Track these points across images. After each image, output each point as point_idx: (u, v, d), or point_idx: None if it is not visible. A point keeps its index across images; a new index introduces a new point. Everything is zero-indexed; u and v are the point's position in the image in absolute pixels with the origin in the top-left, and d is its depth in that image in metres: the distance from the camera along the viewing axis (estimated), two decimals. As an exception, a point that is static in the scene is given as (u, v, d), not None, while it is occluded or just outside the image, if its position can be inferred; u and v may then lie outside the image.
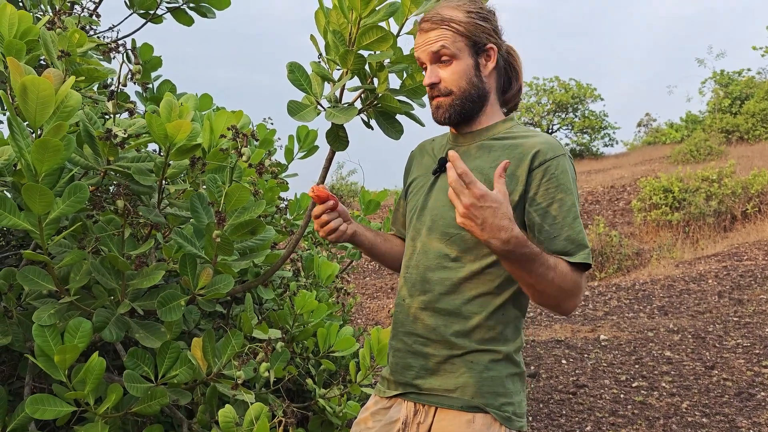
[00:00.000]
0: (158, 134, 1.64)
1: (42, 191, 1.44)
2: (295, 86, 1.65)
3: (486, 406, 1.46)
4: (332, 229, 1.61)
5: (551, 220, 1.43)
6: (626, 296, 7.82)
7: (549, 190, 1.44)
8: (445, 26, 1.49)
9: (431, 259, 1.53)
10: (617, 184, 15.09)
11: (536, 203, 1.44)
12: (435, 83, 1.51)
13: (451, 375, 1.49)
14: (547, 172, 1.44)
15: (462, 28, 1.49)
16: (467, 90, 1.52)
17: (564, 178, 1.45)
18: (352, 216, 3.78)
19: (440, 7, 1.52)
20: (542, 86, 27.32)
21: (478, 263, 1.49)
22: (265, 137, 3.18)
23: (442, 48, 1.48)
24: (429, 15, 1.51)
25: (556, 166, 1.45)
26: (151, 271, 1.73)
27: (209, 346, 1.77)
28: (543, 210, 1.44)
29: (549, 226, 1.43)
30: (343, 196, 17.33)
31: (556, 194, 1.43)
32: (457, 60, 1.50)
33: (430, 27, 1.50)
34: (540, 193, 1.44)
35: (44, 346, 1.56)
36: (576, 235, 1.42)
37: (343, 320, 3.08)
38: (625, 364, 5.16)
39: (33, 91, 1.42)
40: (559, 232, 1.42)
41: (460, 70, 1.51)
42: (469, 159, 1.54)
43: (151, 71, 3.04)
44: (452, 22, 1.49)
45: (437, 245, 1.53)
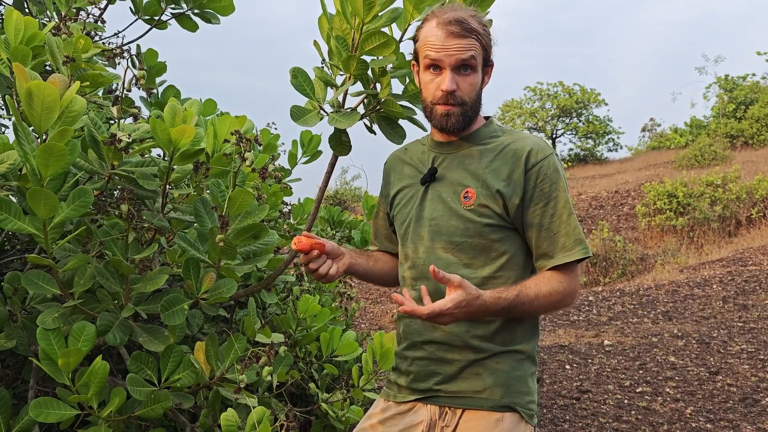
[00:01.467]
0: (162, 139, 1.65)
1: (47, 195, 1.45)
2: (298, 91, 1.66)
3: (515, 404, 1.52)
4: (321, 275, 1.62)
5: (549, 219, 1.52)
6: (630, 301, 7.80)
7: (544, 190, 1.52)
8: (475, 36, 1.51)
9: (441, 268, 1.52)
10: (621, 189, 15.06)
11: (534, 203, 1.52)
12: (453, 90, 1.52)
13: (477, 377, 1.53)
14: (541, 173, 1.52)
15: (484, 43, 1.54)
16: (475, 102, 1.57)
17: (556, 177, 1.53)
18: (355, 223, 3.79)
19: (466, 14, 1.51)
20: (546, 91, 27.28)
21: (490, 267, 1.54)
22: (269, 142, 3.19)
23: (471, 58, 1.51)
24: (457, 18, 1.49)
25: (548, 165, 1.53)
26: (154, 275, 1.74)
27: (212, 350, 1.78)
28: (541, 210, 1.52)
29: (548, 224, 1.52)
30: (347, 201, 17.33)
31: (551, 193, 1.52)
32: (475, 73, 1.54)
33: (461, 33, 1.49)
34: (536, 194, 1.52)
35: (48, 350, 1.57)
36: (572, 230, 1.51)
37: (346, 325, 3.08)
38: (629, 369, 5.14)
39: (38, 96, 1.44)
40: (557, 229, 1.51)
41: (475, 82, 1.55)
42: (463, 166, 1.58)
43: (156, 76, 3.06)
44: (479, 34, 1.52)
45: (444, 254, 1.56)
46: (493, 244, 1.53)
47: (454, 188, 1.56)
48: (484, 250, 1.53)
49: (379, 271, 1.80)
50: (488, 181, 1.52)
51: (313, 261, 1.61)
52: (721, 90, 23.39)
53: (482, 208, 1.52)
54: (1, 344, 1.74)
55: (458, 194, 1.55)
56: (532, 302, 1.47)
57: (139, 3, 2.92)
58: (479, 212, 1.52)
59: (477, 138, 1.60)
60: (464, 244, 1.54)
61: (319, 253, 1.61)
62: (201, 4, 2.78)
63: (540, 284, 1.50)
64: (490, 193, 1.52)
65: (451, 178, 1.58)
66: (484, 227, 1.52)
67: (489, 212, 1.52)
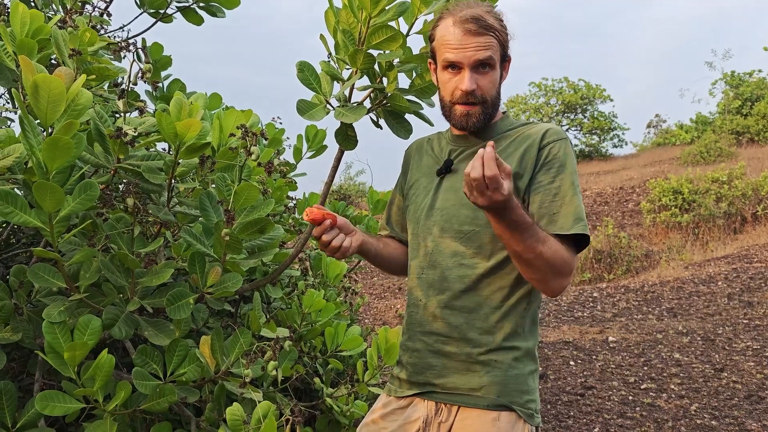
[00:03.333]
0: (168, 133, 1.64)
1: (52, 189, 1.44)
2: (305, 85, 1.65)
3: (512, 403, 1.49)
4: (335, 247, 1.57)
5: (551, 198, 1.48)
6: (635, 298, 7.78)
7: (551, 169, 1.50)
8: (492, 34, 1.48)
9: (447, 257, 1.55)
10: (626, 186, 15.02)
11: (538, 180, 1.50)
12: (473, 90, 1.50)
13: (474, 374, 1.51)
14: (551, 152, 1.50)
15: (501, 38, 1.51)
16: (495, 99, 1.55)
17: (565, 159, 1.51)
18: (360, 218, 3.78)
19: (482, 11, 1.49)
20: (551, 87, 27.21)
21: (494, 259, 1.51)
22: (274, 136, 3.18)
23: (490, 57, 1.48)
24: (474, 15, 1.46)
25: (559, 147, 1.51)
26: (160, 269, 1.73)
27: (217, 345, 1.78)
28: (545, 187, 1.49)
29: (550, 203, 1.48)
30: (352, 196, 17.33)
31: (557, 173, 1.49)
32: (494, 70, 1.52)
33: (479, 31, 1.46)
34: (542, 171, 1.50)
35: (54, 343, 1.57)
36: (574, 209, 1.47)
37: (351, 320, 3.08)
38: (634, 366, 5.13)
39: (44, 89, 1.43)
40: (558, 209, 1.47)
41: (495, 80, 1.53)
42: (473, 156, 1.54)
43: (162, 70, 3.05)
44: (496, 30, 1.50)
45: (452, 244, 1.54)
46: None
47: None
48: (493, 239, 1.50)
49: (388, 255, 1.78)
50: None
51: (326, 233, 1.56)
52: (727, 86, 23.29)
53: None
54: (7, 337, 1.74)
55: None
56: (536, 243, 1.39)
57: (145, -4, 2.92)
58: None
59: (494, 131, 1.59)
60: (473, 233, 1.52)
61: (332, 224, 1.56)
62: (206, -3, 2.77)
63: (549, 238, 1.43)
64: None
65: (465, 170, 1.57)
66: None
67: None
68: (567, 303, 7.81)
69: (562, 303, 7.81)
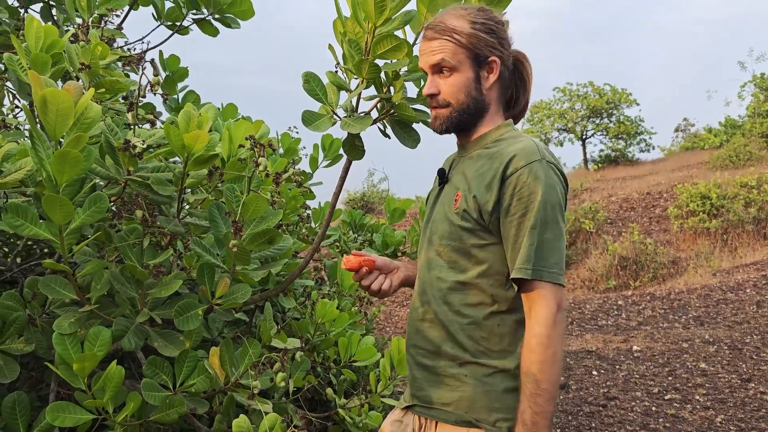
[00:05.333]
0: (176, 144, 1.65)
1: (62, 202, 1.46)
2: (310, 96, 1.65)
3: (479, 421, 1.43)
4: (375, 291, 1.64)
5: (524, 232, 1.38)
6: (661, 306, 7.64)
7: (522, 199, 1.39)
8: (447, 37, 1.46)
9: (429, 270, 1.54)
10: (653, 191, 14.79)
11: (510, 214, 1.40)
12: (434, 94, 1.50)
13: (447, 388, 1.48)
14: (519, 181, 1.39)
15: (464, 40, 1.46)
16: (465, 103, 1.50)
17: (536, 186, 1.38)
18: (376, 226, 3.78)
19: (446, 15, 1.49)
20: (576, 92, 26.95)
21: (467, 274, 1.47)
22: (290, 146, 3.19)
23: (442, 60, 1.47)
24: (434, 22, 1.49)
25: (528, 173, 1.38)
26: (169, 280, 1.74)
27: (227, 356, 1.78)
28: (517, 221, 1.39)
29: (522, 238, 1.38)
30: (374, 203, 17.35)
31: (529, 204, 1.38)
32: (457, 72, 1.48)
33: (433, 36, 1.48)
34: (513, 204, 1.40)
35: (64, 355, 1.58)
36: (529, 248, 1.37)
37: (366, 329, 3.07)
38: (658, 376, 5.03)
39: (53, 103, 1.45)
40: (524, 243, 1.38)
41: (459, 83, 1.48)
42: (462, 169, 1.54)
43: (178, 81, 3.09)
44: (455, 32, 1.46)
45: (434, 258, 1.53)
46: (471, 250, 1.46)
47: (452, 191, 1.53)
48: (465, 255, 1.47)
49: None
50: (471, 185, 1.47)
51: (365, 278, 1.63)
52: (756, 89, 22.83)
53: (463, 212, 1.46)
54: (20, 348, 1.76)
55: (452, 197, 1.52)
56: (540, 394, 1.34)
57: (162, 9, 2.96)
58: (461, 215, 1.46)
59: (484, 141, 1.54)
60: (448, 247, 1.49)
61: (368, 269, 1.63)
62: (221, 9, 2.79)
63: (529, 368, 1.36)
64: (470, 197, 1.46)
65: (453, 182, 1.55)
66: (463, 231, 1.46)
67: (468, 216, 1.45)
68: (590, 311, 7.70)
69: (585, 311, 7.70)
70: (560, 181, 1.43)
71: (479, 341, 1.46)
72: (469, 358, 1.46)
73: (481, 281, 1.46)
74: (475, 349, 1.46)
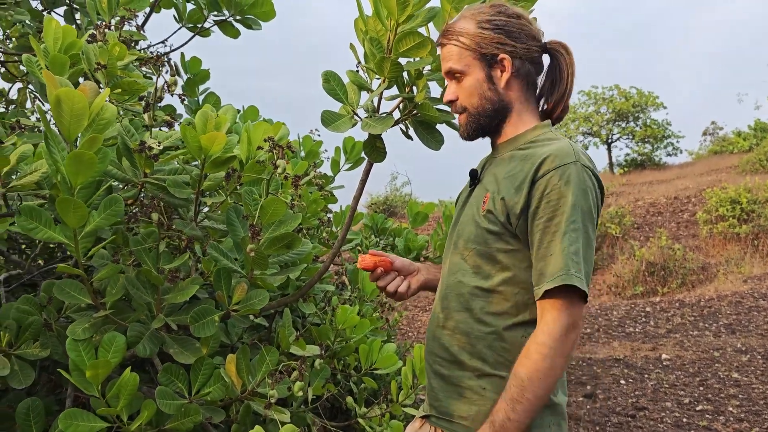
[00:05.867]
0: (193, 146, 1.61)
1: (76, 204, 1.42)
2: (330, 95, 1.60)
3: None
4: (391, 292, 1.58)
5: (550, 237, 1.30)
6: (690, 313, 7.45)
7: (550, 202, 1.30)
8: (453, 42, 1.44)
9: (451, 275, 1.47)
10: (681, 195, 14.51)
11: (538, 217, 1.32)
12: (452, 100, 1.48)
13: (465, 401, 1.40)
14: (550, 184, 1.31)
15: (469, 41, 1.43)
16: (480, 105, 1.45)
17: (567, 190, 1.29)
18: (398, 230, 3.71)
19: (457, 18, 1.47)
20: (601, 95, 26.64)
21: (491, 281, 1.39)
22: (311, 149, 3.15)
23: (450, 68, 1.45)
24: (445, 27, 1.47)
25: (560, 175, 1.30)
26: (186, 285, 1.70)
27: (243, 363, 1.73)
28: (544, 225, 1.31)
29: (548, 243, 1.30)
30: (397, 206, 17.28)
31: (558, 207, 1.30)
32: (466, 76, 1.45)
33: (442, 42, 1.47)
34: (542, 207, 1.31)
35: (78, 361, 1.55)
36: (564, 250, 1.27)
37: (388, 335, 3.00)
38: (689, 386, 4.88)
39: (67, 103, 1.41)
40: (553, 251, 1.29)
41: (470, 86, 1.45)
42: (494, 171, 1.47)
43: (200, 84, 3.07)
44: (460, 36, 1.43)
45: (458, 261, 1.46)
46: (496, 254, 1.38)
47: (481, 193, 1.47)
48: (489, 260, 1.39)
49: None
50: (501, 186, 1.39)
51: (381, 279, 1.57)
52: (788, 91, 22.33)
53: (489, 214, 1.39)
54: (35, 354, 1.73)
55: (481, 199, 1.45)
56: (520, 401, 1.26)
57: (183, 11, 2.94)
58: (487, 218, 1.39)
59: (517, 143, 1.47)
60: (473, 251, 1.42)
61: (384, 270, 1.57)
62: (242, 10, 2.77)
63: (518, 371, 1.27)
64: (498, 199, 1.38)
65: (483, 183, 1.48)
66: (489, 234, 1.39)
67: (494, 219, 1.38)
68: (618, 318, 7.54)
69: (612, 318, 7.54)
70: (595, 186, 1.35)
71: (501, 352, 1.38)
72: (489, 370, 1.38)
73: (505, 289, 1.38)
74: (495, 361, 1.38)
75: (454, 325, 1.43)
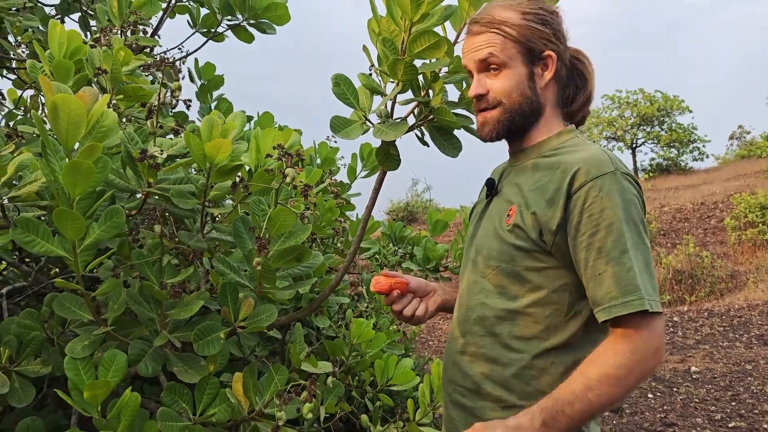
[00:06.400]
0: (197, 154, 1.54)
1: (73, 216, 1.35)
2: (340, 100, 1.51)
3: None
4: (408, 317, 1.46)
5: (596, 254, 1.18)
6: (720, 323, 7.22)
7: (592, 216, 1.19)
8: (495, 29, 1.30)
9: (472, 295, 1.35)
10: (708, 201, 14.19)
11: (580, 233, 1.20)
12: (482, 94, 1.32)
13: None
14: (590, 195, 1.20)
15: (515, 33, 1.30)
16: (518, 102, 1.32)
17: (610, 201, 1.19)
18: (418, 239, 3.61)
19: (493, 6, 1.33)
20: (625, 99, 26.30)
21: (520, 302, 1.27)
22: (327, 156, 3.07)
23: (490, 56, 1.30)
24: (479, 15, 1.33)
25: (600, 186, 1.19)
26: (191, 300, 1.62)
27: (251, 382, 1.64)
28: (587, 242, 1.19)
29: (594, 261, 1.18)
30: (418, 212, 17.18)
31: (601, 222, 1.18)
32: (507, 69, 1.31)
33: (479, 30, 1.31)
34: (583, 222, 1.20)
35: (77, 380, 1.48)
36: (625, 274, 1.15)
37: (405, 349, 2.90)
38: (720, 400, 4.69)
39: (64, 110, 1.34)
40: (604, 269, 1.17)
41: (510, 80, 1.31)
42: (516, 181, 1.36)
43: (213, 90, 3.02)
44: (504, 25, 1.30)
45: (480, 280, 1.34)
46: (525, 273, 1.27)
47: (504, 205, 1.35)
48: (517, 280, 1.27)
49: None
50: (529, 200, 1.28)
51: (397, 302, 1.46)
52: (819, 94, 21.83)
53: (517, 229, 1.27)
54: (37, 370, 1.67)
55: (504, 212, 1.33)
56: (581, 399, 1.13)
57: (197, 16, 2.89)
58: (514, 233, 1.28)
59: (542, 149, 1.35)
60: (497, 269, 1.30)
61: (400, 293, 1.46)
62: (256, 14, 2.70)
63: (588, 370, 1.15)
64: (527, 214, 1.27)
65: (505, 194, 1.37)
66: (518, 251, 1.27)
67: (523, 235, 1.26)
68: (644, 327, 7.32)
69: (638, 327, 7.33)
70: (638, 193, 1.24)
71: (529, 381, 1.25)
72: (515, 400, 1.26)
73: (535, 310, 1.26)
74: (522, 391, 1.25)
75: (477, 351, 1.31)
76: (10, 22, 2.36)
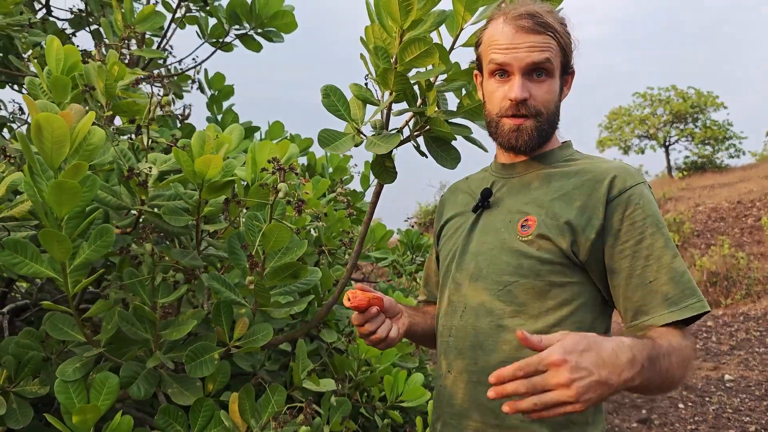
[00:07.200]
0: (187, 170, 1.50)
1: (59, 237, 1.32)
2: (330, 112, 1.45)
3: None
4: (381, 338, 1.32)
5: (644, 262, 1.16)
6: (756, 327, 6.98)
7: (635, 224, 1.18)
8: (551, 34, 1.22)
9: (482, 317, 1.25)
10: (745, 199, 13.79)
11: (621, 241, 1.18)
12: (525, 99, 1.23)
13: None
14: (631, 203, 1.19)
15: (563, 42, 1.25)
16: (553, 116, 1.28)
17: (651, 209, 1.20)
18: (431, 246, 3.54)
19: (540, 9, 1.23)
20: (657, 96, 25.78)
21: (545, 319, 1.20)
22: (339, 164, 3.03)
23: (546, 61, 1.22)
24: (530, 11, 1.22)
25: (640, 195, 1.20)
26: (185, 319, 1.58)
27: (247, 404, 1.60)
28: (632, 250, 1.17)
29: (642, 269, 1.15)
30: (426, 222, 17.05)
31: (645, 229, 1.17)
32: (552, 78, 1.25)
33: (534, 28, 1.21)
34: (625, 229, 1.18)
35: (68, 404, 1.45)
36: (681, 278, 1.15)
37: (420, 362, 2.83)
38: (755, 411, 4.52)
39: (47, 129, 1.31)
40: (656, 276, 1.14)
41: (554, 90, 1.26)
42: (526, 191, 1.29)
43: (223, 100, 3.00)
44: (556, 31, 1.23)
45: (487, 299, 1.24)
46: (551, 289, 1.19)
47: (512, 216, 1.27)
48: (540, 296, 1.19)
49: (431, 329, 1.49)
50: (555, 209, 1.21)
51: (371, 321, 1.31)
52: None
53: (542, 239, 1.20)
54: (34, 391, 1.64)
55: (515, 223, 1.25)
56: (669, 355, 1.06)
57: (205, 26, 2.87)
58: (538, 245, 1.20)
59: (549, 160, 1.30)
60: (515, 285, 1.21)
61: (378, 310, 1.31)
62: (262, 23, 2.68)
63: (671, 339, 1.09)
64: (556, 223, 1.20)
65: (509, 205, 1.29)
66: (543, 264, 1.20)
67: (550, 246, 1.19)
68: (677, 332, 7.12)
69: (671, 332, 7.13)
70: None
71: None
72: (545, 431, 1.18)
73: (562, 329, 1.18)
74: (555, 422, 1.17)
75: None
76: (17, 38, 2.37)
